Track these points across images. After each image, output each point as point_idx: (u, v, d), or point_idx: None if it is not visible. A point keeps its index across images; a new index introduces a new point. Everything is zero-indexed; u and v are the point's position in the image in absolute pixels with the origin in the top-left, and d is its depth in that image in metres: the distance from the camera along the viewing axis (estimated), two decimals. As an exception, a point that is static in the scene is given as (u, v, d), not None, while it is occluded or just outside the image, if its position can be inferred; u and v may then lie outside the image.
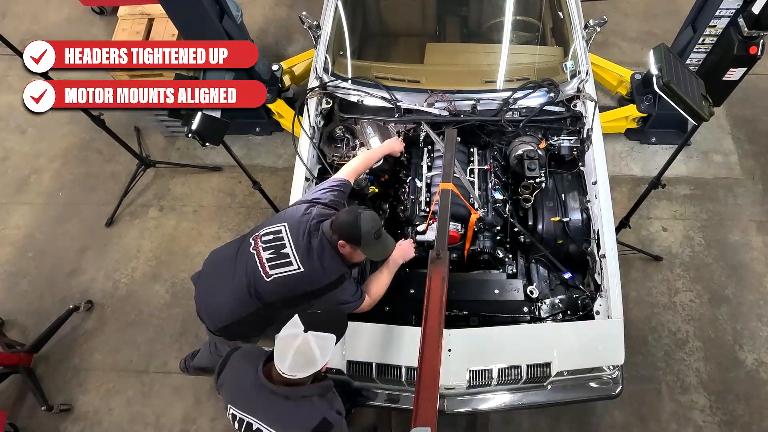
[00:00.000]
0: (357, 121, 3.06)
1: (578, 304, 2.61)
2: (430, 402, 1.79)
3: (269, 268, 2.16)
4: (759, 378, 3.37)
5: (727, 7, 3.28)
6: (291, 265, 2.15)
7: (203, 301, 2.41)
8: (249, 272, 2.21)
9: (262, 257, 2.18)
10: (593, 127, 2.91)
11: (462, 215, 2.67)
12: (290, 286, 2.17)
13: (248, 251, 2.24)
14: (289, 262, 2.16)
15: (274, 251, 2.18)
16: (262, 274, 2.17)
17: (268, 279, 2.16)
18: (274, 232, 2.23)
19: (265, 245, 2.21)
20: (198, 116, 2.62)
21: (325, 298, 2.21)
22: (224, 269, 2.33)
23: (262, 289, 2.19)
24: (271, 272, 2.16)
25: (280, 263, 2.16)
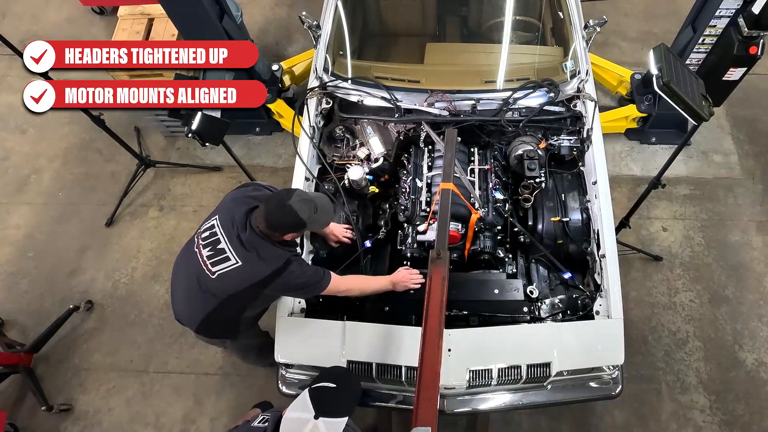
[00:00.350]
0: (357, 121, 3.06)
1: (578, 304, 2.61)
2: (430, 402, 1.79)
3: (211, 266, 2.14)
4: (759, 378, 3.37)
5: (727, 7, 3.28)
6: (229, 260, 2.12)
7: (175, 306, 2.44)
8: (196, 271, 2.19)
9: (203, 255, 2.16)
10: (593, 127, 2.91)
11: (462, 215, 2.67)
12: (236, 280, 2.13)
13: (192, 250, 2.22)
14: (227, 257, 2.12)
15: (211, 248, 2.14)
16: (207, 272, 2.15)
17: (213, 276, 2.14)
18: (209, 227, 2.20)
19: (204, 242, 2.18)
20: (198, 116, 2.62)
21: (277, 285, 2.16)
22: (179, 271, 2.37)
23: (212, 286, 2.17)
24: (214, 269, 2.13)
25: (219, 259, 2.13)
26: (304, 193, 2.20)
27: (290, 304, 2.56)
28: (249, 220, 2.14)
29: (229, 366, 3.50)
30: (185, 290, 2.33)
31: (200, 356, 3.54)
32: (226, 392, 3.43)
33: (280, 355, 2.50)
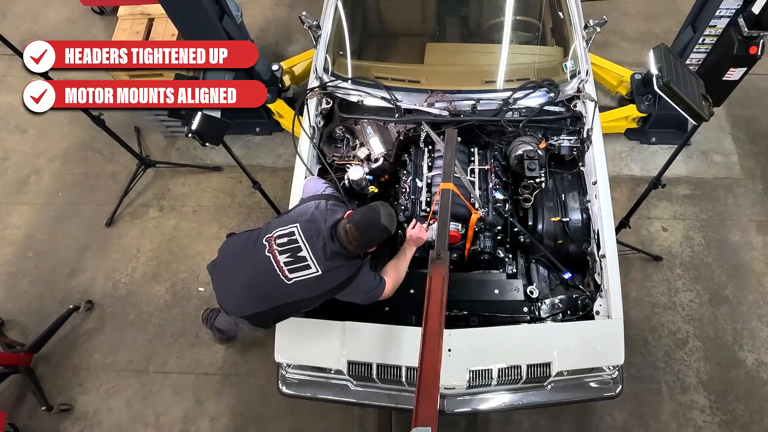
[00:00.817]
0: (357, 121, 3.06)
1: (578, 304, 2.61)
2: (430, 402, 1.79)
3: (288, 272, 2.19)
4: (759, 378, 3.37)
5: (727, 7, 3.28)
6: (310, 269, 2.18)
7: (221, 294, 2.44)
8: (266, 275, 2.22)
9: (279, 261, 2.19)
10: (593, 127, 2.91)
11: (462, 215, 2.67)
12: (312, 287, 2.20)
13: (263, 254, 2.23)
14: (307, 265, 2.18)
15: (290, 255, 2.19)
16: (282, 279, 2.19)
17: (289, 282, 2.19)
18: (288, 234, 2.23)
19: (281, 248, 2.21)
20: (198, 116, 2.62)
21: (347, 291, 2.26)
22: (238, 266, 2.36)
23: (283, 292, 2.21)
24: (291, 276, 2.19)
25: (298, 267, 2.18)
26: (386, 207, 2.26)
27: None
28: (334, 234, 2.20)
29: (229, 366, 3.50)
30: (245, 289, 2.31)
31: (200, 356, 3.54)
32: (226, 392, 3.43)
33: (280, 355, 2.51)
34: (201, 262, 3.86)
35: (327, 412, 3.27)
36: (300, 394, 2.63)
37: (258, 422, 3.34)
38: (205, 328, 3.53)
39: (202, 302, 3.72)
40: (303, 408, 3.30)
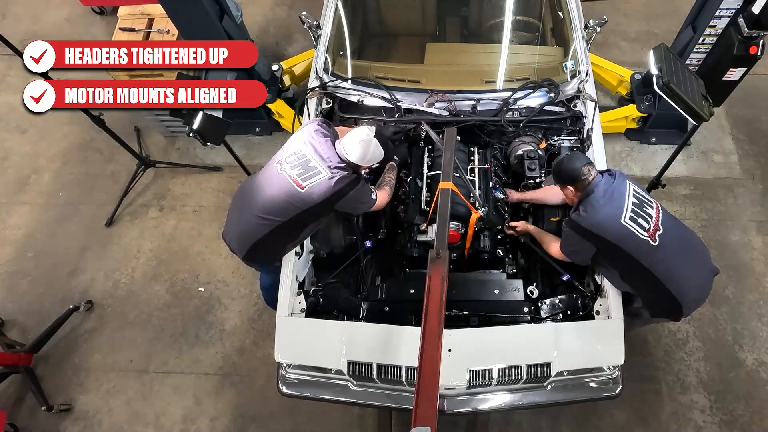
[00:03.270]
0: (357, 121, 3.06)
1: (578, 304, 2.60)
2: (430, 402, 1.79)
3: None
4: (759, 378, 3.37)
5: (727, 7, 3.28)
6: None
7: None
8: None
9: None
10: (593, 127, 2.91)
11: (462, 214, 2.67)
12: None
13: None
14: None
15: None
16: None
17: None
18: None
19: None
20: (199, 116, 2.62)
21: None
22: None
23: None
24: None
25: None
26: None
27: (290, 304, 2.57)
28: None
29: (229, 366, 3.51)
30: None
31: (200, 356, 3.54)
32: (226, 392, 3.43)
33: (280, 355, 2.51)
34: (201, 262, 3.86)
35: (327, 412, 3.27)
36: (300, 394, 2.63)
37: (258, 422, 3.34)
38: (204, 328, 3.53)
39: (201, 302, 3.72)
40: (303, 408, 3.30)
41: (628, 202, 2.33)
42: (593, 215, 2.31)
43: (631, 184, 2.42)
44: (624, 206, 2.31)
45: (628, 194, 2.35)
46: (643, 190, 2.46)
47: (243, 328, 3.61)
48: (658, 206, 2.41)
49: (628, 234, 2.28)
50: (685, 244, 2.44)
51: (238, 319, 3.65)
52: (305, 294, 2.63)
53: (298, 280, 2.67)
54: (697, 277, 2.44)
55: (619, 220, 2.28)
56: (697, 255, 2.48)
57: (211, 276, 3.81)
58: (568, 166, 2.43)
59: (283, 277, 2.64)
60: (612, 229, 2.30)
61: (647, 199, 2.41)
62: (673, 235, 2.36)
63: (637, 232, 2.28)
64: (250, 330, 3.60)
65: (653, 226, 2.31)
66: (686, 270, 2.38)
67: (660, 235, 2.30)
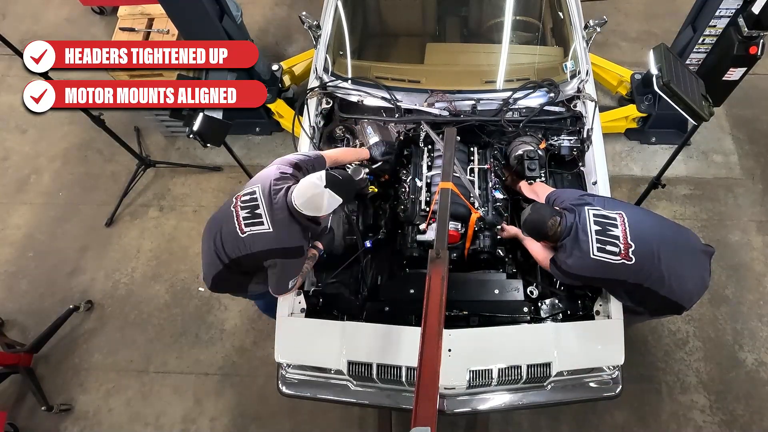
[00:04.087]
0: (357, 121, 3.06)
1: (578, 304, 2.61)
2: (430, 402, 1.79)
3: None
4: (759, 378, 3.37)
5: (727, 7, 3.28)
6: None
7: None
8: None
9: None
10: (593, 127, 2.91)
11: (462, 214, 2.67)
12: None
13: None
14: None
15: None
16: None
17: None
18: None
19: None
20: (200, 117, 2.62)
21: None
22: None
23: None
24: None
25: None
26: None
27: (290, 304, 2.57)
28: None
29: (229, 366, 3.51)
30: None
31: (200, 356, 3.54)
32: (226, 392, 3.43)
33: (280, 355, 2.51)
34: (201, 262, 3.84)
35: (327, 412, 3.27)
36: (300, 394, 2.63)
37: (258, 422, 3.34)
38: (204, 328, 3.53)
39: (202, 302, 3.72)
40: (303, 408, 3.30)
41: (591, 233, 2.31)
42: (568, 261, 2.33)
43: (590, 210, 2.38)
44: (589, 240, 2.30)
45: (590, 224, 2.33)
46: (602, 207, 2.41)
47: (243, 328, 3.61)
48: (622, 219, 2.36)
49: (603, 264, 2.29)
50: (666, 242, 2.40)
51: (238, 319, 3.65)
52: (305, 294, 2.62)
53: (298, 280, 2.66)
54: (690, 269, 2.44)
55: (589, 256, 2.28)
56: (682, 247, 2.46)
57: (211, 276, 3.81)
58: (535, 226, 2.42)
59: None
60: (587, 266, 2.31)
61: (609, 218, 2.36)
62: (650, 242, 2.34)
63: (609, 259, 2.28)
64: (250, 330, 3.60)
65: (623, 246, 2.29)
66: (677, 268, 2.37)
67: (633, 251, 2.29)
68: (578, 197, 2.48)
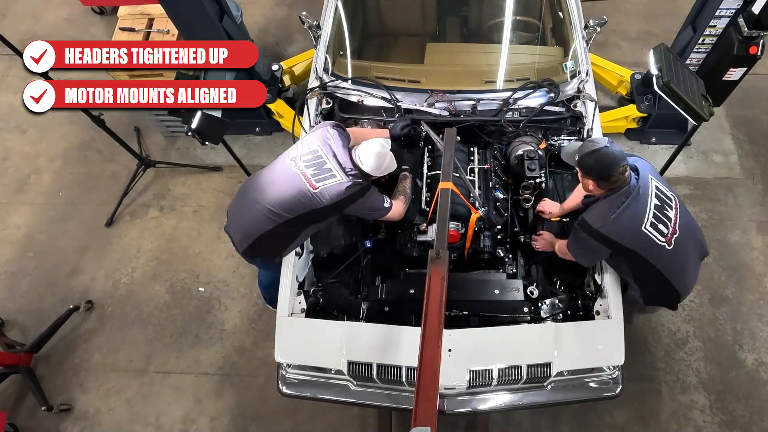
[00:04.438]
0: (357, 121, 3.06)
1: (578, 304, 2.61)
2: (430, 402, 1.79)
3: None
4: (759, 378, 3.37)
5: (727, 7, 3.28)
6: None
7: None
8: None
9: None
10: (593, 127, 2.91)
11: (462, 214, 2.67)
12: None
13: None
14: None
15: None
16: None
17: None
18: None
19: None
20: (198, 115, 2.62)
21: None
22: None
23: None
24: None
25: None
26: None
27: (290, 304, 2.57)
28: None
29: (229, 366, 3.51)
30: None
31: (200, 356, 3.54)
32: (226, 392, 3.43)
33: (280, 355, 2.51)
34: (201, 262, 3.86)
35: (327, 412, 3.27)
36: (300, 394, 2.63)
37: (258, 422, 3.34)
38: (204, 328, 3.53)
39: (202, 302, 3.72)
40: (303, 408, 3.30)
41: (651, 206, 2.24)
42: (614, 222, 2.21)
43: (654, 180, 2.31)
44: (646, 212, 2.22)
45: (651, 196, 2.25)
46: (663, 183, 2.37)
47: (243, 328, 3.61)
48: (677, 202, 2.34)
49: (647, 241, 2.24)
50: (691, 239, 2.41)
51: (238, 319, 3.65)
52: (305, 294, 2.63)
53: (298, 280, 2.67)
54: (696, 266, 2.49)
55: (640, 227, 2.21)
56: (697, 246, 2.48)
57: (211, 276, 3.81)
58: (606, 161, 2.19)
59: (283, 276, 2.64)
60: (632, 237, 2.24)
61: (668, 197, 2.32)
62: (686, 234, 2.34)
63: (655, 239, 2.24)
64: (250, 330, 3.60)
65: (671, 231, 2.25)
66: (691, 262, 2.42)
67: (676, 238, 2.27)
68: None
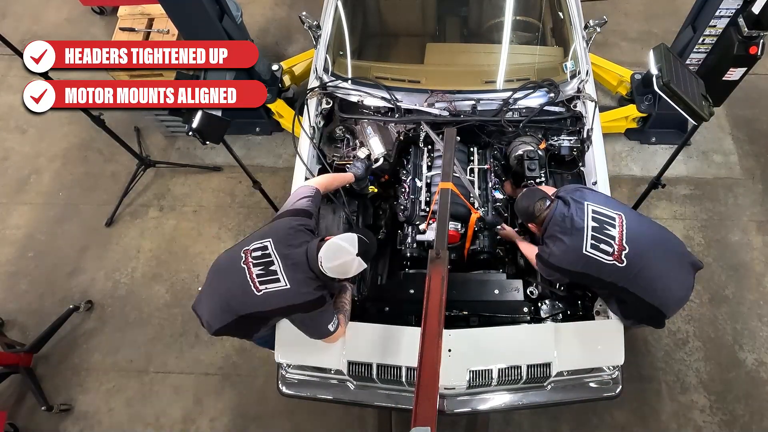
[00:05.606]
0: (357, 121, 3.06)
1: (578, 304, 2.60)
2: (430, 402, 1.79)
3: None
4: (759, 378, 3.37)
5: (727, 7, 3.28)
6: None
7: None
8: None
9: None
10: (593, 127, 2.91)
11: (462, 214, 2.67)
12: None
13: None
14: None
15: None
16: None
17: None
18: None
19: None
20: (198, 114, 2.62)
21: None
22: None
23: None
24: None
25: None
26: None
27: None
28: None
29: (229, 366, 3.51)
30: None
31: (200, 356, 3.54)
32: (226, 392, 3.43)
33: (280, 355, 2.51)
34: (201, 262, 3.86)
35: (327, 412, 3.27)
36: (300, 394, 2.63)
37: (258, 422, 3.34)
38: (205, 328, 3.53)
39: (202, 302, 3.72)
40: (303, 408, 3.30)
41: (588, 228, 2.28)
42: (555, 252, 2.31)
43: (590, 205, 2.35)
44: (584, 235, 2.27)
45: (587, 219, 2.30)
46: (604, 205, 2.38)
47: (243, 328, 3.61)
48: (621, 220, 2.33)
49: (593, 262, 2.26)
50: (657, 249, 2.37)
51: (238, 319, 3.64)
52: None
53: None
54: (676, 279, 2.38)
55: (581, 251, 2.26)
56: (672, 255, 2.42)
57: (211, 276, 3.81)
58: (521, 206, 2.47)
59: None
60: (576, 261, 2.29)
61: (608, 218, 2.33)
62: (643, 246, 2.32)
63: (601, 258, 2.25)
64: (250, 330, 3.60)
65: (617, 248, 2.26)
66: (664, 276, 2.33)
67: (626, 254, 2.26)
68: (576, 189, 2.46)
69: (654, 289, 2.31)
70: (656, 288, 2.31)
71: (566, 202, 2.38)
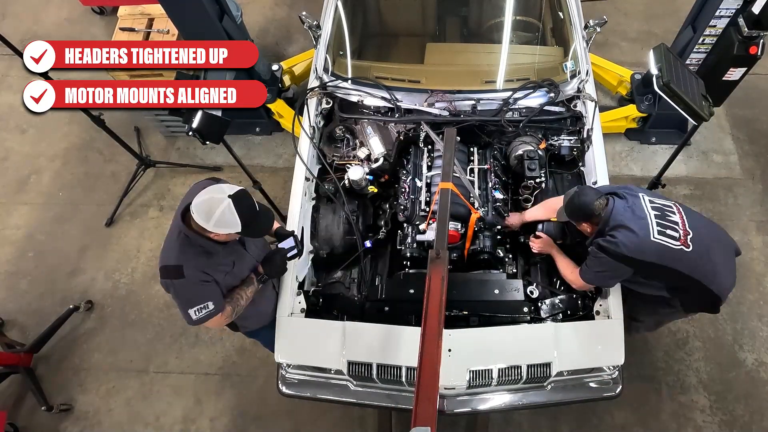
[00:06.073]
0: (357, 121, 3.06)
1: (578, 304, 2.60)
2: (430, 402, 1.79)
3: None
4: (759, 378, 3.37)
5: (727, 7, 3.28)
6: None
7: None
8: None
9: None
10: (593, 127, 2.91)
11: (462, 214, 2.67)
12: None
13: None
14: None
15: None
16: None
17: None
18: None
19: None
20: (198, 114, 2.62)
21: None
22: None
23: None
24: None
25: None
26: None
27: (290, 304, 2.57)
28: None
29: (229, 366, 3.51)
30: None
31: (200, 356, 3.54)
32: (226, 392, 3.43)
33: (280, 355, 2.51)
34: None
35: (327, 412, 3.27)
36: (300, 394, 2.63)
37: (258, 422, 3.34)
38: (204, 328, 3.53)
39: (202, 302, 3.71)
40: (303, 408, 3.30)
41: (650, 216, 2.28)
42: (624, 241, 2.24)
43: (645, 196, 2.37)
44: (649, 223, 2.26)
45: (647, 209, 2.30)
46: (657, 196, 2.41)
47: (243, 328, 3.61)
48: (678, 208, 2.37)
49: (663, 249, 2.24)
50: (712, 236, 2.40)
51: (238, 319, 3.65)
52: (305, 294, 2.62)
53: (298, 280, 2.66)
54: (727, 265, 2.42)
55: (649, 238, 2.23)
56: (723, 243, 2.46)
57: (211, 276, 3.81)
58: (579, 204, 2.34)
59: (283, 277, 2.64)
60: (648, 249, 2.25)
61: (666, 206, 2.36)
62: (702, 233, 2.33)
63: (670, 244, 2.24)
64: (250, 330, 3.60)
65: (682, 233, 2.27)
66: (720, 263, 2.37)
67: (691, 238, 2.27)
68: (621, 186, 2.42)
69: (714, 274, 2.33)
70: (717, 273, 2.34)
71: (621, 196, 2.36)
